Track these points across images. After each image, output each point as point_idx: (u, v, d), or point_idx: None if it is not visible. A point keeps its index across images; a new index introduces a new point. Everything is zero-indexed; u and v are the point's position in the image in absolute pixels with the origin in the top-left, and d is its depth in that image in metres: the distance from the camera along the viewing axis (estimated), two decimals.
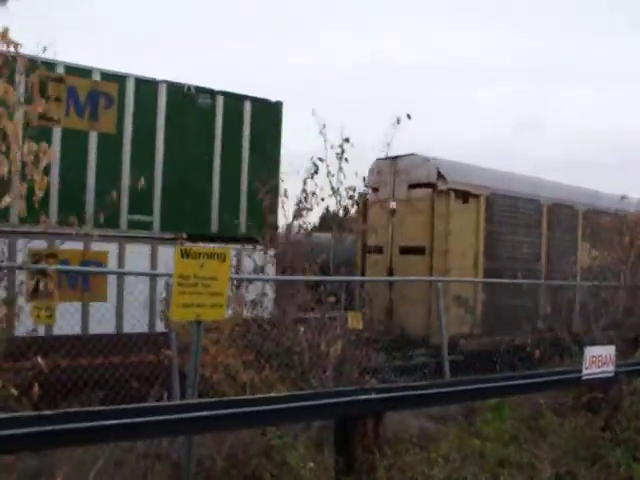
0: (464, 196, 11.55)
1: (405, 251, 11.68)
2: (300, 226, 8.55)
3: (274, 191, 9.85)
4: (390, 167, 12.01)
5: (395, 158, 11.84)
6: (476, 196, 11.73)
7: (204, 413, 3.96)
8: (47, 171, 4.60)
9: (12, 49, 4.51)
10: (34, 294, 5.76)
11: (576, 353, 9.63)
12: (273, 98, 10.60)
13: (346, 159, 10.46)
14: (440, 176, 11.39)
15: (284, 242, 8.41)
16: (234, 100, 9.98)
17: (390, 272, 11.70)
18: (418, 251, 11.55)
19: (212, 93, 9.75)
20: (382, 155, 10.53)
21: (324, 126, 10.24)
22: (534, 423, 7.59)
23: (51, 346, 6.31)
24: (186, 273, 4.49)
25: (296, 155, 10.83)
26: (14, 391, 5.30)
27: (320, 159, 10.65)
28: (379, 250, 12.01)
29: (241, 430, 4.91)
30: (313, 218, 13.91)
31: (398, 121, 10.33)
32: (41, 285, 5.27)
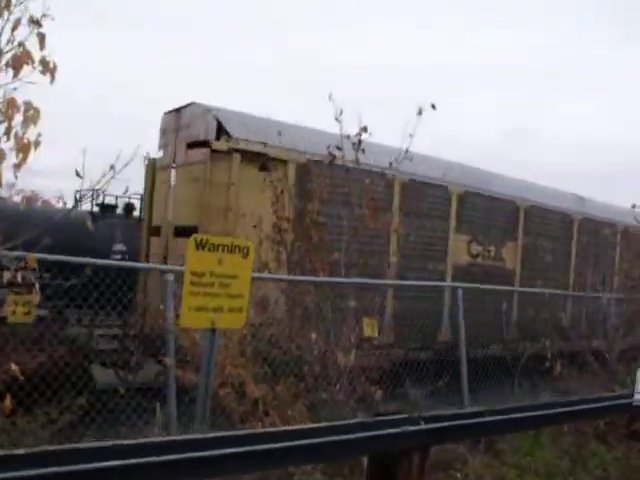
0: (260, 161, 8.59)
1: (179, 233, 8.60)
2: None
3: None
4: (174, 123, 9.14)
5: (178, 110, 9.16)
6: (282, 162, 8.73)
7: (210, 453, 3.02)
8: None
9: None
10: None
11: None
12: None
13: (363, 150, 9.59)
14: (222, 131, 8.52)
15: None
16: None
17: (164, 260, 8.75)
18: (191, 233, 8.71)
19: None
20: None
21: (341, 112, 9.36)
22: (574, 449, 6.76)
23: None
24: (200, 269, 3.55)
25: None
26: None
27: (338, 148, 9.74)
28: (158, 232, 9.31)
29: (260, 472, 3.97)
30: None
31: (420, 112, 9.48)
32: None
